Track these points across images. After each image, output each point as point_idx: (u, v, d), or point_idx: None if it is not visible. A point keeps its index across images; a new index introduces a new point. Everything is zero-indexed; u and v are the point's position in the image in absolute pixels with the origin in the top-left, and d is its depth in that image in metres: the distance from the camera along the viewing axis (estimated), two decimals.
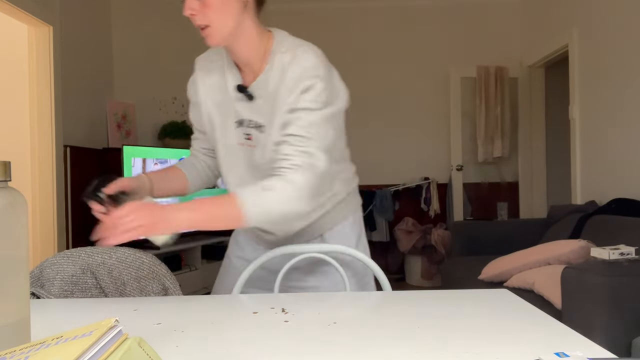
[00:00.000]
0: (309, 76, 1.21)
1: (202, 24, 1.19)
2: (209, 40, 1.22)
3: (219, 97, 1.34)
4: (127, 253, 1.40)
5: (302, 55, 1.24)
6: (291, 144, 1.18)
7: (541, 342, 0.81)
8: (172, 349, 0.81)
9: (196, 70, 1.40)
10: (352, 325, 0.94)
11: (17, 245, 0.72)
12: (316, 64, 1.23)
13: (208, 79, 1.36)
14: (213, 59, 1.37)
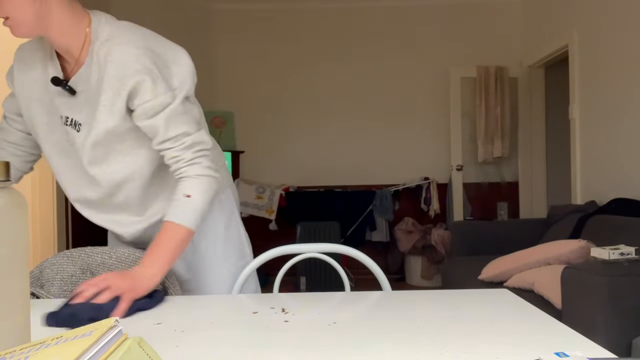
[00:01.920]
0: (131, 73, 1.14)
1: (1, 16, 1.12)
2: (15, 32, 1.15)
3: (39, 92, 1.25)
4: (127, 253, 1.40)
5: (118, 50, 1.15)
6: (172, 148, 1.18)
7: (541, 342, 0.81)
8: (172, 349, 0.81)
9: (15, 61, 1.30)
10: (352, 325, 0.93)
11: (17, 245, 0.72)
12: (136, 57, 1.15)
13: (27, 72, 1.26)
14: (35, 47, 1.27)
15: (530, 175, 5.02)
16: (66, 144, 1.26)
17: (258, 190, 5.07)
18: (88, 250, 1.41)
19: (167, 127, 1.17)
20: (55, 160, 1.32)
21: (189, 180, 1.18)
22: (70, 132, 1.23)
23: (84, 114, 1.20)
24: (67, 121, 1.22)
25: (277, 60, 5.15)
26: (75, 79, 1.19)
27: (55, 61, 1.22)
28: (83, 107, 1.20)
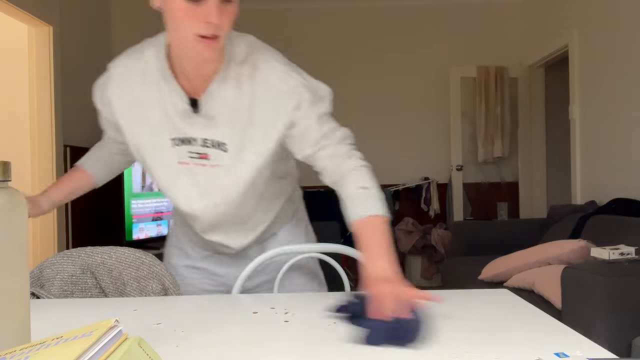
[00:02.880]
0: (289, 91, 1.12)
1: (219, 34, 1.03)
2: (209, 52, 1.04)
3: (148, 114, 1.18)
4: (127, 253, 1.40)
5: (265, 66, 1.13)
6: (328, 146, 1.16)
7: (541, 342, 0.81)
8: (172, 349, 0.81)
9: (111, 84, 1.21)
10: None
11: (17, 245, 0.72)
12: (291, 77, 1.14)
13: (129, 93, 1.18)
14: (136, 67, 1.18)
15: (530, 175, 5.02)
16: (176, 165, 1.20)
17: None
18: (88, 250, 1.41)
19: (320, 124, 1.15)
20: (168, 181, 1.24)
21: (355, 173, 1.14)
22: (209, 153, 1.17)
23: (226, 134, 1.15)
24: (207, 143, 1.16)
25: None
26: (206, 98, 1.13)
27: (173, 80, 1.14)
28: (221, 127, 1.15)
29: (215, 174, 1.19)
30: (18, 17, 3.14)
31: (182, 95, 1.14)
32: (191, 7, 0.99)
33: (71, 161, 3.56)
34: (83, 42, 3.86)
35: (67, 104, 3.52)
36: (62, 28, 3.46)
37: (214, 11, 0.98)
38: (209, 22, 0.99)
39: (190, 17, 0.99)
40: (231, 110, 1.14)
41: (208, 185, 1.21)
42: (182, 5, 0.99)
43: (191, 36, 1.01)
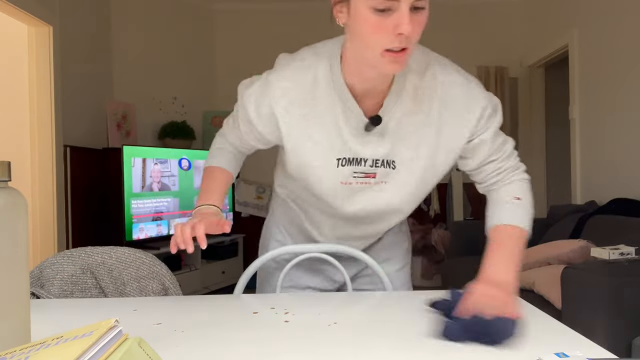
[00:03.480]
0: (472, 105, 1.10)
1: (408, 46, 0.94)
2: (397, 68, 0.97)
3: (317, 133, 1.10)
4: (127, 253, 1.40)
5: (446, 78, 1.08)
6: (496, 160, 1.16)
7: (541, 342, 0.81)
8: (172, 349, 0.81)
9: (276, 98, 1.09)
10: (352, 325, 0.93)
11: (17, 245, 0.72)
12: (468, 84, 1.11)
13: (298, 112, 1.09)
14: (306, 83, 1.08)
15: (530, 175, 5.02)
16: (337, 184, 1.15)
17: (258, 190, 5.08)
18: (88, 250, 1.41)
19: (494, 138, 1.14)
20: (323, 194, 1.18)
21: (515, 184, 1.17)
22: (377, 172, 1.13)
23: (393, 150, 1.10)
24: (377, 163, 1.11)
25: None
26: (382, 114, 1.08)
27: (351, 99, 1.07)
28: (388, 143, 1.10)
29: (377, 190, 1.16)
30: (18, 17, 3.14)
31: (360, 114, 1.07)
32: (380, 19, 0.91)
33: (71, 161, 3.57)
34: (83, 42, 3.86)
35: (67, 104, 3.52)
36: (62, 28, 3.46)
37: (405, 20, 0.89)
38: (399, 33, 0.91)
39: (378, 29, 0.92)
40: (409, 126, 1.09)
41: (364, 200, 1.18)
42: (371, 18, 0.91)
43: (379, 52, 0.94)
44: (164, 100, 4.70)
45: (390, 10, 0.90)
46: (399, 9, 0.89)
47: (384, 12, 0.90)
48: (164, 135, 4.55)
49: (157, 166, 3.93)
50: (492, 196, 1.15)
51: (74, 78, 3.67)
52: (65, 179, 3.51)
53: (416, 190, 1.17)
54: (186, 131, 4.58)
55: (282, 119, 1.09)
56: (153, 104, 4.64)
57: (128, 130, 4.32)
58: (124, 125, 4.29)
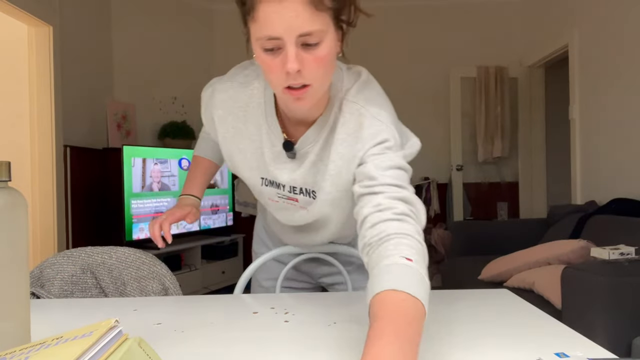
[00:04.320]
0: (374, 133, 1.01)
1: (305, 82, 0.92)
2: (299, 105, 0.95)
3: (245, 148, 1.12)
4: (127, 253, 1.41)
5: (367, 126, 1.01)
6: (382, 193, 0.94)
7: (541, 342, 0.81)
8: (172, 349, 0.81)
9: (216, 105, 1.13)
10: (352, 325, 0.93)
11: (17, 245, 0.72)
12: (381, 123, 1.01)
13: (231, 123, 1.12)
14: (242, 98, 1.10)
15: (530, 175, 5.02)
16: (266, 198, 1.18)
17: None
18: (88, 250, 1.41)
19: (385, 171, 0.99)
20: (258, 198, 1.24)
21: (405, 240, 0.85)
22: (299, 198, 1.12)
23: (312, 179, 1.08)
24: (295, 190, 1.11)
25: None
26: (302, 142, 1.06)
27: (276, 123, 1.07)
28: (310, 172, 1.08)
29: (306, 214, 1.15)
30: (18, 17, 3.14)
31: (280, 137, 1.07)
32: (270, 58, 0.90)
33: (71, 161, 3.57)
34: (83, 42, 3.86)
35: (67, 104, 3.52)
36: (62, 28, 3.46)
37: (290, 59, 0.88)
38: (288, 72, 0.89)
39: (272, 68, 0.91)
40: (328, 159, 1.05)
41: (296, 215, 1.18)
42: (263, 57, 0.91)
43: (280, 89, 0.94)
44: (164, 100, 4.70)
45: (279, 49, 0.89)
46: (285, 46, 0.88)
47: (273, 52, 0.89)
48: (164, 135, 4.55)
49: (157, 166, 3.93)
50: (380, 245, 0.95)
51: (74, 78, 3.67)
52: (65, 179, 3.51)
53: (342, 211, 1.12)
54: (186, 131, 4.58)
55: (219, 127, 1.13)
56: (153, 104, 4.64)
57: (128, 130, 4.32)
58: (124, 125, 4.29)
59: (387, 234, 0.85)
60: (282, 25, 0.86)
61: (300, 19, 0.86)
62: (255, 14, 0.87)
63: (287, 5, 0.86)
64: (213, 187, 4.55)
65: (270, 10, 0.86)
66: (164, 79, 4.67)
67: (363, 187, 0.96)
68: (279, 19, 0.86)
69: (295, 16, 0.86)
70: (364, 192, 0.95)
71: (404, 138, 1.07)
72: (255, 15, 0.87)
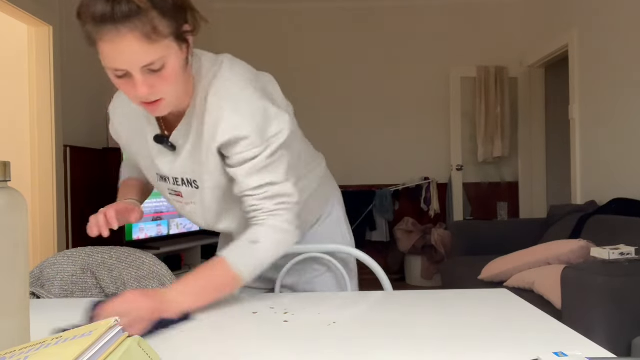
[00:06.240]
0: (231, 130, 1.03)
1: (157, 98, 1.00)
2: (157, 112, 1.03)
3: (138, 150, 1.21)
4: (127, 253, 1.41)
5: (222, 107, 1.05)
6: (252, 196, 1.07)
7: (541, 341, 0.81)
8: (172, 349, 0.81)
9: (113, 120, 1.26)
10: (352, 325, 0.94)
11: (17, 245, 0.72)
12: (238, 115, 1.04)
13: (128, 126, 1.21)
14: (127, 106, 1.18)
15: (530, 175, 5.02)
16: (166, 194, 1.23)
17: None
18: (88, 250, 1.41)
19: (249, 177, 1.06)
20: None
21: (263, 228, 1.06)
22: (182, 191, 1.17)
23: (195, 169, 1.12)
24: (177, 181, 1.15)
25: (277, 60, 5.15)
26: (177, 134, 1.11)
27: (152, 118, 1.13)
28: (190, 162, 1.11)
29: (192, 210, 1.20)
30: (18, 17, 3.14)
31: (158, 131, 1.14)
32: (122, 82, 0.99)
33: (71, 161, 3.57)
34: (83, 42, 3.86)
35: (67, 104, 3.52)
36: (62, 28, 3.46)
37: (138, 86, 0.96)
38: (137, 95, 0.98)
39: (126, 89, 1.00)
40: (200, 149, 1.09)
41: (190, 218, 1.24)
42: (116, 80, 1.00)
43: (137, 103, 1.03)
44: None
45: (128, 74, 0.96)
46: (131, 74, 0.96)
47: (123, 77, 0.97)
48: None
49: None
50: None
51: (74, 78, 3.67)
52: (65, 179, 3.51)
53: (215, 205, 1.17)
54: None
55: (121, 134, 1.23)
56: None
57: None
58: None
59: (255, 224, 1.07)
60: (123, 61, 0.94)
61: (138, 54, 0.93)
62: (98, 49, 0.95)
63: (123, 44, 0.92)
64: None
65: (108, 49, 0.94)
66: None
67: (238, 191, 1.09)
68: (119, 55, 0.93)
69: (133, 52, 0.93)
70: (240, 195, 1.09)
71: (267, 122, 1.06)
72: (99, 50, 0.95)
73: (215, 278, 1.04)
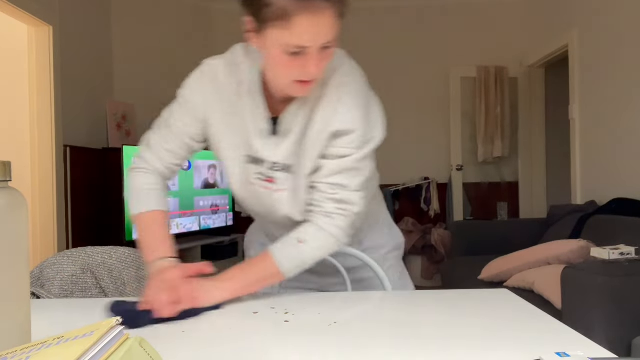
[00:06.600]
0: (344, 121, 1.07)
1: (316, 78, 1.01)
2: (306, 92, 1.04)
3: (233, 126, 1.15)
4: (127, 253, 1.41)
5: (341, 99, 1.08)
6: (322, 191, 1.10)
7: (541, 342, 0.81)
8: (173, 349, 0.81)
9: (207, 83, 1.16)
10: (352, 325, 0.94)
11: (17, 245, 0.72)
12: (355, 109, 1.08)
13: (218, 101, 1.15)
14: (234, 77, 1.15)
15: (530, 175, 5.02)
16: (246, 181, 1.17)
17: None
18: (88, 250, 1.41)
19: (333, 171, 1.09)
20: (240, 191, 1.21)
21: (313, 229, 1.09)
22: (275, 177, 1.13)
23: (293, 156, 1.11)
24: (275, 166, 1.12)
25: None
26: (284, 118, 1.11)
27: (261, 98, 1.11)
28: (290, 148, 1.11)
29: (278, 199, 1.16)
30: (18, 17, 3.14)
31: (265, 113, 1.11)
32: (290, 59, 0.97)
33: (71, 161, 3.57)
34: (83, 42, 3.86)
35: (67, 104, 3.52)
36: (62, 28, 3.46)
37: (314, 62, 0.97)
38: (307, 72, 0.98)
39: (289, 67, 0.98)
40: (310, 136, 1.10)
41: (270, 207, 1.18)
42: (282, 57, 0.98)
43: (288, 81, 1.02)
44: (164, 100, 4.69)
45: (303, 52, 0.96)
46: (307, 52, 0.96)
47: (295, 54, 0.96)
48: None
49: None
50: None
51: (74, 78, 3.67)
52: (65, 179, 3.51)
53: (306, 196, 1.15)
54: None
55: (207, 106, 1.16)
56: (153, 104, 4.64)
57: (128, 130, 4.32)
58: (124, 125, 4.29)
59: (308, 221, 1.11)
60: (314, 38, 0.95)
61: (330, 30, 0.96)
62: (289, 23, 0.92)
63: (322, 19, 0.93)
64: (213, 187, 4.55)
65: (306, 24, 0.93)
66: (164, 79, 4.66)
67: (313, 179, 1.10)
68: (313, 32, 0.94)
69: (327, 28, 0.95)
70: (311, 184, 1.11)
71: (371, 127, 1.12)
72: (288, 25, 0.93)
73: (259, 271, 1.10)
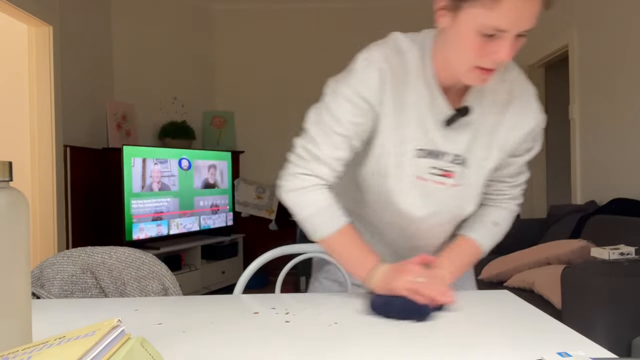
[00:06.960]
0: (537, 118, 1.14)
1: (501, 66, 1.00)
2: (481, 83, 1.02)
3: (402, 117, 1.08)
4: (127, 253, 1.41)
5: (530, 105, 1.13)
6: (507, 183, 1.22)
7: (542, 342, 0.81)
8: (174, 349, 0.81)
9: (388, 76, 1.06)
10: (352, 325, 0.94)
11: (17, 245, 0.72)
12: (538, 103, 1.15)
13: (396, 94, 1.07)
14: (400, 68, 1.07)
15: (530, 175, 5.02)
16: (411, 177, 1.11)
17: (258, 190, 5.08)
18: (88, 250, 1.41)
19: (521, 165, 1.23)
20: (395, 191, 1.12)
21: (503, 212, 1.22)
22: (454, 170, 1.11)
23: (463, 148, 1.10)
24: (457, 159, 1.11)
25: (277, 60, 5.15)
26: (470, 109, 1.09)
27: (437, 88, 1.07)
28: (463, 140, 1.10)
29: (452, 194, 1.13)
30: (18, 17, 3.14)
31: (445, 105, 1.07)
32: (482, 41, 0.94)
33: (71, 161, 3.57)
34: (83, 42, 3.86)
35: (67, 104, 3.52)
36: (62, 28, 3.46)
37: (507, 49, 0.93)
38: (495, 58, 0.95)
39: (477, 50, 0.95)
40: (485, 126, 1.11)
41: (440, 204, 1.14)
42: (474, 39, 0.94)
43: (470, 67, 0.98)
44: (164, 100, 4.70)
45: (495, 36, 0.93)
46: (503, 36, 0.93)
47: (488, 37, 0.93)
48: (164, 135, 4.55)
49: (157, 166, 3.93)
50: (480, 209, 1.21)
51: (74, 78, 3.67)
52: (65, 179, 3.51)
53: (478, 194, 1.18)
54: (186, 131, 4.58)
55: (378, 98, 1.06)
56: (153, 104, 4.64)
57: (128, 130, 4.32)
58: (124, 125, 4.29)
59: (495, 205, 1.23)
60: (517, 22, 0.91)
61: (533, 17, 0.92)
62: (496, 3, 0.90)
63: (531, 5, 0.91)
64: (213, 187, 4.55)
65: (514, 7, 0.90)
66: (164, 79, 4.67)
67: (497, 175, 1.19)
68: (519, 16, 0.91)
69: (532, 14, 0.92)
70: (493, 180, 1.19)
71: None
72: (496, 5, 0.90)
73: (470, 256, 1.19)
